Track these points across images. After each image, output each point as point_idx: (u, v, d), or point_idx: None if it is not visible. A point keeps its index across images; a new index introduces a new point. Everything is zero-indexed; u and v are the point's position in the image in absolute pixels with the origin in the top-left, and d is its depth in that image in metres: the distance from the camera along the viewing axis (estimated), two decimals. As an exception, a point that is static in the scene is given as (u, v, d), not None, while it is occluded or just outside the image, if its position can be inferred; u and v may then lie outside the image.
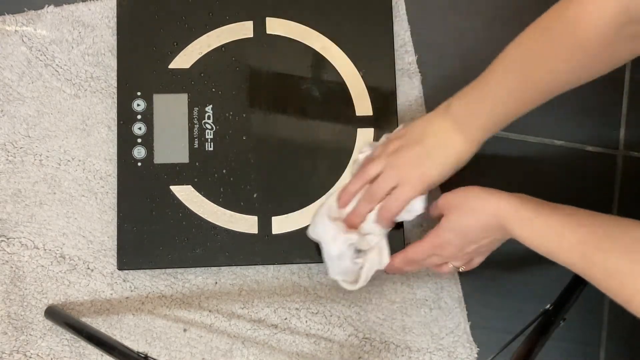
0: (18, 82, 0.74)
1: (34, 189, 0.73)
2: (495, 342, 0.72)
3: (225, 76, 0.72)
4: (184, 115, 0.71)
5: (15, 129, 0.73)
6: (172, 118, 0.71)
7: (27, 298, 0.72)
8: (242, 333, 0.73)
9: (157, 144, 0.71)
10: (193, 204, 0.71)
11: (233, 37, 0.73)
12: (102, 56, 0.74)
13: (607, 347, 0.77)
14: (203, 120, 0.71)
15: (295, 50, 0.73)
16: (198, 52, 0.72)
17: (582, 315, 0.75)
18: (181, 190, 0.71)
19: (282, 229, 0.71)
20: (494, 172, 0.77)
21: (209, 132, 0.71)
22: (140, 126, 0.71)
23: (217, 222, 0.70)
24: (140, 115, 0.71)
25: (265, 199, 0.71)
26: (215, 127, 0.71)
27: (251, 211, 0.71)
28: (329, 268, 0.68)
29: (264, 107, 0.72)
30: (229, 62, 0.72)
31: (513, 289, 0.76)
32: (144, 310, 0.72)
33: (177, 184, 0.70)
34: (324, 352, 0.73)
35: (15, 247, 0.72)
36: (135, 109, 0.71)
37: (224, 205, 0.71)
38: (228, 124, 0.72)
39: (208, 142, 0.71)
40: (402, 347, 0.74)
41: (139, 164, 0.70)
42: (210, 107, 0.71)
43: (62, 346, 0.71)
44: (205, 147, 0.71)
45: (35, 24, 0.74)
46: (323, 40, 0.73)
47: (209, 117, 0.71)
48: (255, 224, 0.71)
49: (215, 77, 0.72)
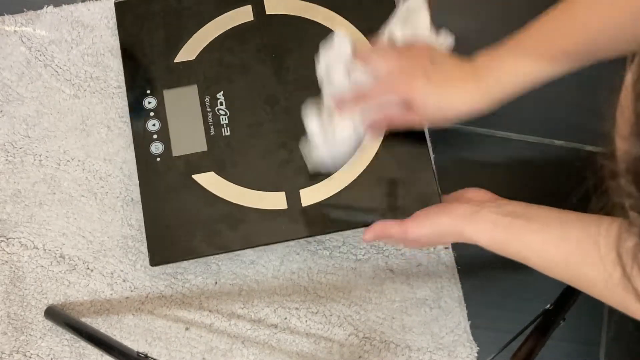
0: (17, 83, 0.74)
1: (34, 189, 0.73)
2: (495, 342, 0.72)
3: (232, 61, 0.72)
4: (197, 106, 0.71)
5: (15, 129, 0.73)
6: (185, 110, 0.71)
7: (27, 298, 0.72)
8: (242, 333, 0.73)
9: (173, 137, 0.70)
10: (218, 189, 0.70)
11: (234, 22, 0.73)
12: (102, 56, 0.74)
13: (607, 347, 0.77)
14: (216, 107, 0.71)
15: (298, 25, 0.73)
16: (201, 43, 0.72)
17: (582, 315, 0.75)
18: (204, 178, 0.70)
19: (312, 200, 0.70)
20: (494, 171, 0.77)
21: (223, 118, 0.71)
22: (154, 122, 0.71)
23: (244, 204, 0.70)
24: (152, 112, 0.71)
25: (290, 172, 0.70)
26: (229, 112, 0.71)
27: (278, 187, 0.70)
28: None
29: (275, 84, 0.72)
30: (233, 47, 0.72)
31: (513, 289, 0.76)
32: (144, 310, 0.73)
33: (200, 172, 0.70)
34: (324, 351, 0.73)
35: (15, 248, 0.72)
36: (147, 106, 0.71)
37: (249, 186, 0.70)
38: (242, 107, 0.71)
39: (224, 128, 0.71)
40: (402, 346, 0.74)
41: (157, 159, 0.70)
42: (221, 94, 0.71)
43: (62, 346, 0.71)
44: (222, 133, 0.71)
45: (34, 24, 0.74)
46: (324, 12, 0.73)
47: (222, 103, 0.71)
48: (283, 199, 0.70)
49: (222, 64, 0.72)
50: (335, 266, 0.74)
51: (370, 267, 0.75)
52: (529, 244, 0.56)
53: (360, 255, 0.75)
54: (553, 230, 0.55)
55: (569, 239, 0.54)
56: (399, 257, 0.75)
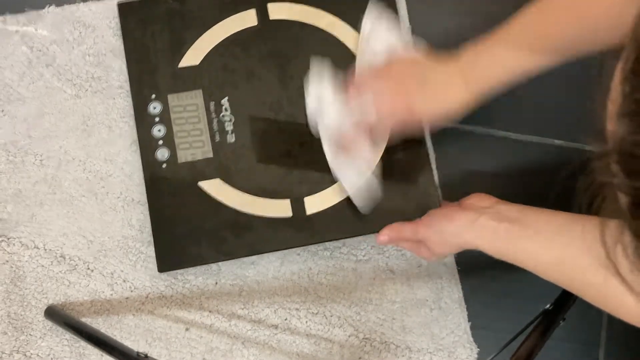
0: (19, 82, 0.74)
1: (35, 189, 0.73)
2: (495, 342, 0.72)
3: (237, 66, 0.72)
4: (202, 111, 0.71)
5: (16, 129, 0.73)
6: (190, 116, 0.71)
7: (27, 298, 0.72)
8: (243, 333, 0.73)
9: (179, 143, 0.71)
10: (223, 196, 0.70)
11: (238, 27, 0.73)
12: (103, 56, 0.74)
13: (607, 347, 0.77)
14: (221, 113, 0.71)
15: (301, 31, 0.73)
16: (206, 48, 0.72)
17: (582, 315, 0.75)
18: (210, 185, 0.70)
19: (316, 208, 0.71)
20: (494, 171, 0.77)
21: (228, 124, 0.71)
22: (160, 128, 0.71)
23: (249, 211, 0.70)
24: (158, 118, 0.71)
25: (295, 180, 0.71)
26: (234, 118, 0.71)
27: (283, 195, 0.70)
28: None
29: (279, 90, 0.72)
30: (237, 52, 0.73)
31: (513, 289, 0.76)
32: (144, 310, 0.72)
33: (205, 179, 0.70)
34: (324, 352, 0.73)
35: (16, 247, 0.72)
36: (151, 112, 0.71)
37: (254, 193, 0.70)
38: (246, 113, 0.72)
39: (229, 134, 0.71)
40: (403, 347, 0.74)
41: (163, 165, 0.70)
42: (226, 99, 0.72)
43: (62, 346, 0.71)
44: (227, 140, 0.71)
45: (36, 24, 0.74)
46: (327, 17, 0.73)
47: (226, 109, 0.71)
48: (288, 207, 0.70)
49: (226, 69, 0.72)
50: (335, 267, 0.75)
51: (371, 268, 0.75)
52: (524, 250, 0.59)
53: (361, 256, 0.75)
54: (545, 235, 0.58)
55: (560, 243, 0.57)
56: (400, 258, 0.75)
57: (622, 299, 0.49)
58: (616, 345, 0.77)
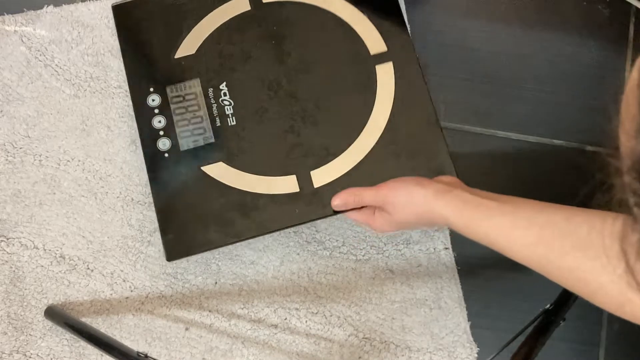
0: (17, 82, 0.74)
1: (34, 189, 0.73)
2: (495, 342, 0.72)
3: (233, 51, 0.72)
4: (201, 99, 0.71)
5: (15, 129, 0.73)
6: (189, 104, 0.71)
7: (27, 298, 0.72)
8: (242, 333, 0.73)
9: (180, 132, 0.71)
10: (228, 178, 0.70)
11: (232, 13, 0.73)
12: (102, 56, 0.74)
13: (607, 347, 0.77)
14: (220, 99, 0.71)
15: (295, 11, 0.74)
16: (201, 36, 0.73)
17: (582, 315, 0.75)
18: (214, 169, 0.70)
19: (324, 180, 0.70)
20: (493, 171, 0.77)
21: (228, 108, 0.71)
22: (160, 119, 0.71)
23: (256, 190, 0.70)
24: (157, 110, 0.71)
25: (299, 155, 0.71)
26: (233, 102, 0.71)
27: (288, 171, 0.70)
28: None
29: (277, 70, 0.72)
30: (233, 37, 0.73)
31: (513, 289, 0.76)
32: (144, 310, 0.72)
33: (208, 164, 0.70)
34: (324, 352, 0.73)
35: (15, 247, 0.72)
36: (151, 104, 0.71)
37: (259, 173, 0.70)
38: (245, 95, 0.72)
39: (230, 118, 0.71)
40: (402, 347, 0.74)
41: (165, 154, 0.70)
42: (224, 84, 0.72)
43: (62, 346, 0.71)
44: (228, 123, 0.71)
45: (34, 24, 0.74)
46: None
47: (225, 94, 0.71)
48: (295, 183, 0.70)
49: (223, 55, 0.72)
50: (335, 266, 0.74)
51: (371, 267, 0.75)
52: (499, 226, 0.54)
53: (360, 256, 0.75)
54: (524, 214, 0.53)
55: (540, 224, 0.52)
56: (399, 258, 0.75)
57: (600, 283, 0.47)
58: (616, 345, 0.77)
